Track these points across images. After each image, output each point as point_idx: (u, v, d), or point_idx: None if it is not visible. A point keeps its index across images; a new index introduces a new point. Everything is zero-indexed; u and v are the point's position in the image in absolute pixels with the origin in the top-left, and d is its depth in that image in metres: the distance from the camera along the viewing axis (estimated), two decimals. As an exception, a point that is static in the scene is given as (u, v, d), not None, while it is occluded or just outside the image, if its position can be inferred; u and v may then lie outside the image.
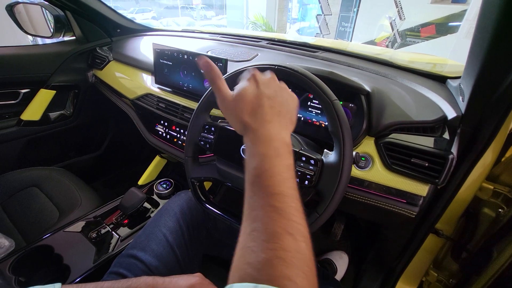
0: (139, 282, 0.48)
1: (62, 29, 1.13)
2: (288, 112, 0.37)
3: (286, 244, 0.25)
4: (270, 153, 0.32)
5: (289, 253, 0.24)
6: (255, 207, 0.29)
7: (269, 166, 0.31)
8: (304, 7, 8.42)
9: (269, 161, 0.31)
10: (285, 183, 0.30)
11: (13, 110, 1.11)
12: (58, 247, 0.73)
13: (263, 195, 0.29)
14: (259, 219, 0.27)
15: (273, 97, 0.36)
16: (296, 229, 0.27)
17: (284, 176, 0.31)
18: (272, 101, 0.36)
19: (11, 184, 0.95)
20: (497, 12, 0.33)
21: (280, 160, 0.32)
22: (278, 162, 0.31)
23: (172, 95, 0.87)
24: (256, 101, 0.35)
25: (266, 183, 0.30)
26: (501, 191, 0.58)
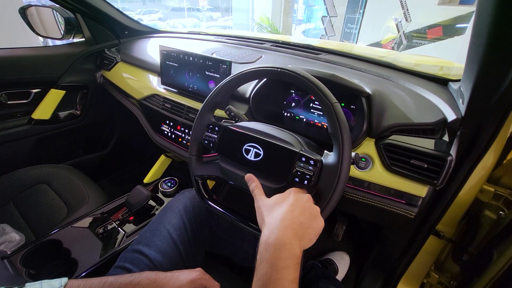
0: (142, 276, 0.50)
1: (72, 31, 1.17)
2: (311, 231, 0.40)
3: None
4: (279, 264, 0.35)
5: None
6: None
7: (276, 277, 0.34)
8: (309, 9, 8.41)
9: (277, 272, 0.35)
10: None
11: (25, 109, 1.15)
12: (66, 242, 0.75)
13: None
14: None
15: (306, 213, 0.41)
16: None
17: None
18: (302, 216, 0.40)
19: (21, 180, 0.98)
20: (490, 19, 0.34)
21: (287, 274, 0.35)
22: (285, 275, 0.35)
23: (177, 95, 0.89)
24: (285, 209, 0.40)
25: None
26: (502, 194, 0.58)
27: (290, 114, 0.73)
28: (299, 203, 0.41)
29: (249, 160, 0.52)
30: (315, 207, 0.42)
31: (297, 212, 0.40)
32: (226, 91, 0.57)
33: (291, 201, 0.41)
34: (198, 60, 0.80)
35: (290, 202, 0.41)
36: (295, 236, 0.38)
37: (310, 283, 0.85)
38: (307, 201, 0.42)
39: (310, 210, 0.41)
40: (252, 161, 0.52)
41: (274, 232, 0.38)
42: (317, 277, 0.84)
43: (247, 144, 0.52)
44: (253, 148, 0.52)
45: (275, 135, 0.52)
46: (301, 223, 0.39)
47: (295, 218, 0.39)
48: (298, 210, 0.40)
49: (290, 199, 0.42)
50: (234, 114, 0.63)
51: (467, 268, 0.66)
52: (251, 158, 0.52)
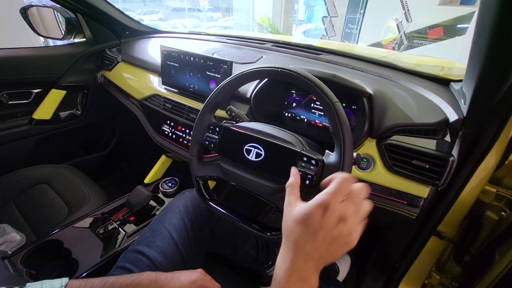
0: (142, 277, 0.50)
1: (73, 31, 1.17)
2: (330, 257, 0.36)
3: None
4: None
5: None
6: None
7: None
8: (310, 9, 8.41)
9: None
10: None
11: (25, 109, 1.15)
12: (67, 242, 0.75)
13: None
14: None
15: (331, 240, 0.34)
16: None
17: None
18: (324, 244, 0.34)
19: (22, 180, 0.98)
20: (493, 19, 0.34)
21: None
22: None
23: (178, 96, 0.89)
24: (310, 231, 0.34)
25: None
26: (504, 194, 0.58)
27: (291, 114, 0.73)
28: (324, 229, 0.34)
29: (250, 160, 0.52)
30: (345, 234, 0.34)
31: (322, 245, 0.34)
32: (227, 91, 0.57)
33: (315, 223, 0.34)
34: (199, 60, 0.80)
35: (314, 226, 0.34)
36: (316, 270, 0.35)
37: (310, 283, 0.84)
38: (340, 228, 0.34)
39: (338, 241, 0.34)
40: (253, 162, 0.51)
41: (296, 264, 0.34)
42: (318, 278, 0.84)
43: (248, 144, 0.52)
44: (254, 149, 0.51)
45: (276, 135, 0.52)
46: (322, 257, 0.35)
47: (318, 252, 0.34)
48: (324, 242, 0.34)
49: (316, 220, 0.34)
50: (235, 115, 0.63)
51: (469, 269, 0.66)
52: (252, 158, 0.51)
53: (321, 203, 0.34)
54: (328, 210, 0.34)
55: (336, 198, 0.34)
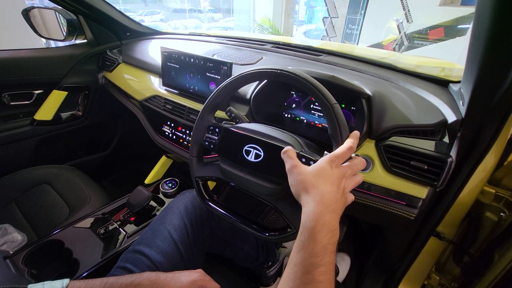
0: (142, 277, 0.50)
1: (74, 32, 1.18)
2: (342, 209, 0.40)
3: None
4: (330, 247, 0.35)
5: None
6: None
7: (325, 262, 0.34)
8: (311, 10, 8.42)
9: (328, 255, 0.35)
10: (327, 272, 0.34)
11: (27, 110, 1.16)
12: (68, 242, 0.76)
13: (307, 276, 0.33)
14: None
15: (341, 191, 0.40)
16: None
17: (328, 261, 0.34)
18: (339, 194, 0.39)
19: (24, 181, 0.99)
20: (489, 21, 0.34)
21: (333, 256, 0.35)
22: (332, 259, 0.35)
23: (178, 97, 0.90)
24: (331, 186, 0.39)
25: (318, 277, 0.33)
26: (503, 195, 0.58)
27: (291, 116, 0.74)
28: (339, 182, 0.40)
29: (250, 161, 0.52)
30: (346, 185, 0.41)
31: (340, 193, 0.39)
32: (227, 92, 0.58)
33: (335, 180, 0.40)
34: (199, 62, 0.81)
35: (334, 181, 0.39)
36: (338, 219, 0.38)
37: (310, 284, 0.85)
38: (342, 178, 0.41)
39: (345, 188, 0.41)
40: (252, 162, 0.52)
41: (325, 214, 0.37)
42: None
43: (248, 145, 0.53)
44: (254, 149, 0.52)
45: (275, 136, 0.52)
46: (343, 206, 0.40)
47: (339, 201, 0.39)
48: (340, 191, 0.39)
49: (334, 176, 0.40)
50: (235, 115, 0.64)
51: (468, 270, 0.66)
52: (252, 159, 0.52)
53: (330, 159, 0.41)
54: (334, 166, 0.41)
55: (339, 160, 0.42)
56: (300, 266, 0.34)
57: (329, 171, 0.40)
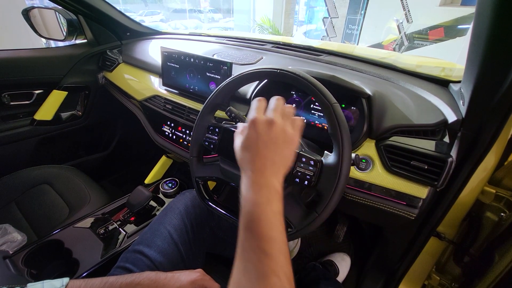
0: (142, 277, 0.50)
1: (75, 32, 1.18)
2: (282, 159, 0.40)
3: (272, 283, 0.30)
4: (261, 201, 0.35)
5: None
6: (248, 249, 0.34)
7: (260, 213, 0.35)
8: (311, 10, 8.42)
9: (260, 208, 0.35)
10: (274, 228, 0.34)
11: (27, 110, 1.16)
12: (68, 242, 0.76)
13: (255, 239, 0.34)
14: (251, 261, 0.33)
15: (271, 144, 0.39)
16: (282, 270, 0.32)
17: (273, 222, 0.35)
18: (268, 150, 0.39)
19: (24, 181, 0.99)
20: (489, 21, 0.34)
21: (270, 207, 0.35)
22: (268, 209, 0.35)
23: (178, 97, 0.90)
24: (252, 148, 0.39)
25: (257, 229, 0.34)
26: (503, 195, 0.58)
27: (291, 115, 0.74)
28: (260, 139, 0.39)
29: (250, 161, 0.52)
30: (281, 134, 0.40)
31: (267, 151, 0.39)
32: (227, 92, 0.58)
33: (253, 140, 0.39)
34: (199, 62, 0.80)
35: (253, 142, 0.39)
36: (272, 174, 0.38)
37: (310, 284, 0.85)
38: (273, 131, 0.39)
39: (278, 142, 0.39)
40: (252, 162, 0.52)
41: (251, 176, 0.37)
42: (318, 279, 0.84)
43: None
44: None
45: None
46: (273, 161, 0.39)
47: (268, 159, 0.38)
48: (266, 148, 0.39)
49: (251, 137, 0.40)
50: (235, 115, 0.63)
51: (469, 270, 0.66)
52: (252, 159, 0.52)
53: (249, 122, 0.40)
54: (256, 123, 0.40)
55: (257, 112, 0.41)
56: (242, 230, 0.35)
57: (250, 134, 0.40)
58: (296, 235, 0.49)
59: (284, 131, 0.40)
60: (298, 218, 0.49)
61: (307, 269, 0.96)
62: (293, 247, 1.10)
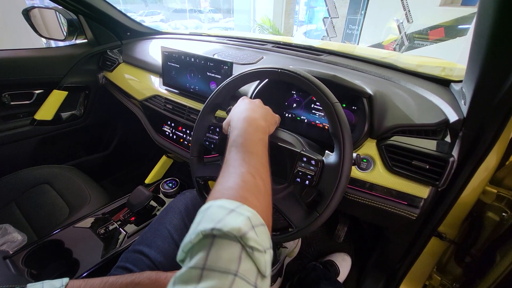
0: (142, 276, 0.50)
1: (75, 32, 1.18)
2: (267, 116, 0.50)
3: (247, 179, 0.35)
4: (249, 130, 0.43)
5: (248, 185, 0.34)
6: (231, 160, 0.39)
7: (247, 137, 0.42)
8: (311, 10, 8.42)
9: (247, 134, 0.42)
10: (257, 147, 0.41)
11: (27, 110, 1.16)
12: (68, 242, 0.76)
13: (239, 153, 0.39)
14: (232, 166, 0.37)
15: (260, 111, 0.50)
16: (258, 173, 0.37)
17: (257, 144, 0.42)
18: (253, 112, 0.48)
19: (24, 181, 0.99)
20: (492, 19, 0.34)
21: (256, 136, 0.43)
22: (254, 136, 0.42)
23: (179, 96, 0.89)
24: (247, 110, 0.49)
25: (242, 147, 0.40)
26: (505, 195, 0.58)
27: (291, 115, 0.73)
28: (252, 104, 0.51)
29: (250, 160, 0.52)
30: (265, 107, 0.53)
31: (257, 110, 0.49)
32: (227, 92, 0.58)
33: (247, 105, 0.50)
34: (200, 61, 0.80)
35: (247, 105, 0.50)
36: (260, 117, 0.47)
37: (311, 284, 0.84)
38: (259, 104, 0.52)
39: (264, 109, 0.51)
40: (253, 162, 0.51)
41: (242, 113, 0.47)
42: (318, 279, 0.83)
43: None
44: None
45: (276, 136, 0.52)
46: (262, 113, 0.49)
47: (256, 112, 0.48)
48: (256, 107, 0.50)
49: (246, 104, 0.51)
50: (235, 115, 0.63)
51: (470, 270, 0.65)
52: (252, 158, 0.51)
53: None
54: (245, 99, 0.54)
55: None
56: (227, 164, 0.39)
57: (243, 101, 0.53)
58: (297, 235, 0.49)
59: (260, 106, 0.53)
60: (299, 218, 0.49)
61: (307, 269, 0.95)
62: (294, 247, 1.10)
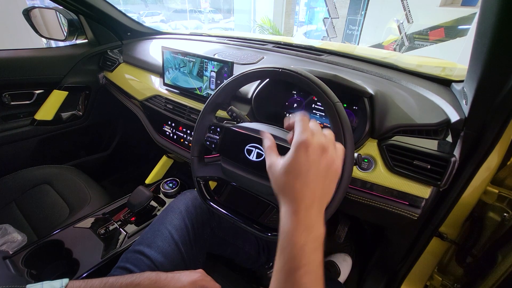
0: (142, 277, 0.50)
1: (75, 32, 1.18)
2: (328, 193, 0.36)
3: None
4: (309, 246, 0.32)
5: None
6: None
7: (303, 261, 0.31)
8: (311, 10, 8.43)
9: (304, 255, 0.32)
10: (316, 281, 0.31)
11: (28, 110, 1.16)
12: (68, 242, 0.76)
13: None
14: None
15: (322, 175, 0.35)
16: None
17: (317, 273, 0.32)
18: (318, 182, 0.34)
19: (24, 181, 0.99)
20: (494, 18, 0.34)
21: (315, 256, 0.32)
22: (312, 258, 0.32)
23: (179, 96, 0.89)
24: (302, 176, 0.34)
25: (297, 277, 0.31)
26: (506, 195, 0.57)
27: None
28: (313, 167, 0.34)
29: (251, 160, 0.52)
30: (332, 164, 0.35)
31: (317, 184, 0.34)
32: (228, 92, 0.57)
33: (303, 167, 0.34)
34: (200, 61, 0.80)
35: (303, 170, 0.34)
36: (319, 213, 0.34)
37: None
38: (325, 161, 0.35)
39: (328, 174, 0.35)
40: (254, 162, 0.51)
41: (299, 213, 0.33)
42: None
43: (249, 144, 0.52)
44: (255, 149, 0.51)
45: (277, 135, 0.52)
46: (321, 196, 0.35)
47: (317, 192, 0.34)
48: (317, 180, 0.34)
49: (301, 163, 0.34)
50: (236, 115, 0.63)
51: (471, 271, 0.65)
52: (253, 158, 0.51)
53: (300, 143, 0.34)
54: (309, 146, 0.34)
55: (309, 133, 0.35)
56: (281, 273, 0.32)
57: (302, 160, 0.34)
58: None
59: (334, 161, 0.36)
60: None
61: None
62: None
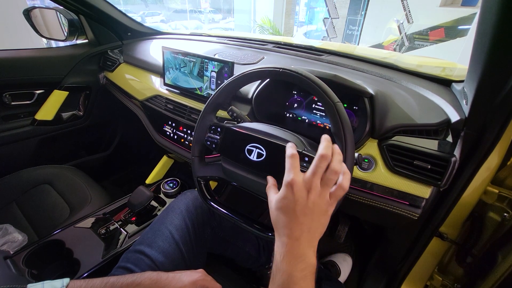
0: (143, 277, 0.50)
1: (76, 32, 1.18)
2: (318, 227, 0.38)
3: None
4: (296, 275, 0.35)
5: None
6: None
7: (286, 283, 0.34)
8: (311, 11, 8.42)
9: (294, 283, 0.34)
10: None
11: (28, 110, 1.16)
12: (68, 242, 0.76)
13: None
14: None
15: (308, 211, 0.37)
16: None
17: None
18: (305, 217, 0.37)
19: (24, 181, 0.99)
20: (495, 18, 0.34)
21: (304, 285, 0.35)
22: (302, 286, 0.34)
23: (180, 96, 0.89)
24: (290, 212, 0.37)
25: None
26: (507, 195, 0.57)
27: (292, 115, 0.73)
28: (298, 204, 0.37)
29: (252, 160, 0.52)
30: (319, 201, 0.37)
31: (304, 218, 0.37)
32: (228, 92, 0.58)
33: (290, 204, 0.37)
34: (201, 61, 0.80)
35: (290, 207, 0.37)
36: (308, 244, 0.37)
37: (312, 285, 0.84)
38: (311, 198, 0.37)
39: (315, 209, 0.37)
40: (254, 162, 0.51)
41: (287, 244, 0.36)
42: (319, 279, 0.83)
43: (250, 144, 0.52)
44: (256, 149, 0.52)
45: (277, 135, 0.52)
46: (310, 229, 0.37)
47: (304, 226, 0.37)
48: (304, 215, 0.37)
49: (288, 200, 0.38)
50: (237, 115, 0.64)
51: (471, 271, 0.65)
52: (254, 158, 0.52)
53: (287, 183, 0.38)
54: (294, 185, 0.37)
55: (294, 173, 0.38)
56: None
57: (289, 197, 0.37)
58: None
59: (322, 199, 0.37)
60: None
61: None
62: None
